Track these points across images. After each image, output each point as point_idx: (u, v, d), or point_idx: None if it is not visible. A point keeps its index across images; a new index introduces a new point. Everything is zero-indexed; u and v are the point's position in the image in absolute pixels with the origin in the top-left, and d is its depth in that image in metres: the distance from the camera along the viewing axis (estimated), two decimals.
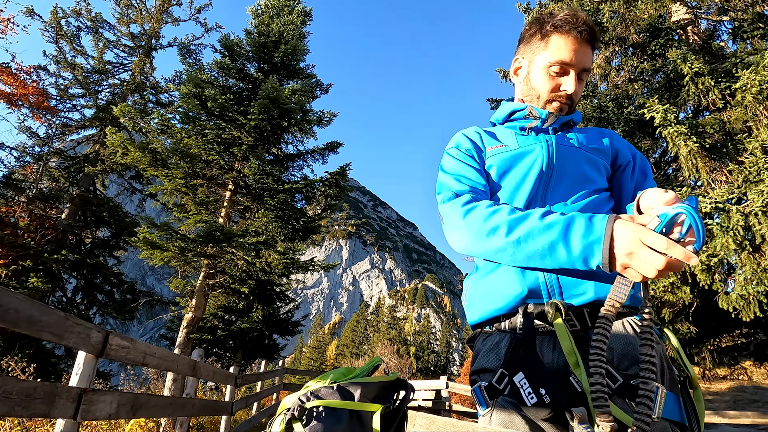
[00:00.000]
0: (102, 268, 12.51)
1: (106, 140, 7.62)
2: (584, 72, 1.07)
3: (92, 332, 2.82)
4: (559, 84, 1.06)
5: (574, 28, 1.03)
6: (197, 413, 4.98)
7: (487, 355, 0.92)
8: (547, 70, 1.06)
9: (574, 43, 1.04)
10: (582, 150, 1.08)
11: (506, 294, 0.92)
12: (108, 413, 3.04)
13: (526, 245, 0.81)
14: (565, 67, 1.04)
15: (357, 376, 1.08)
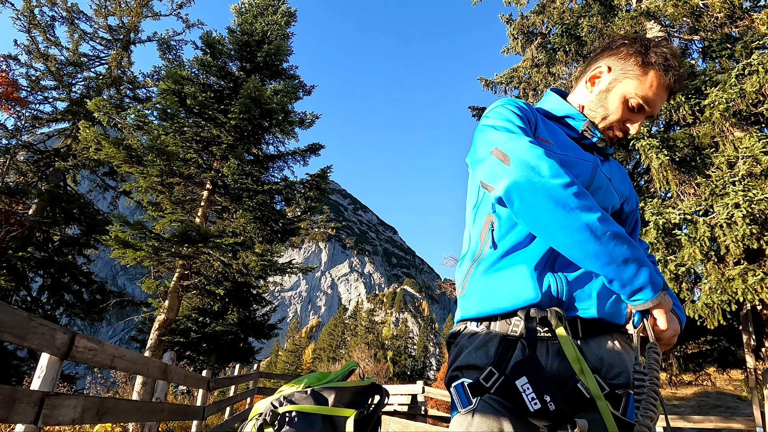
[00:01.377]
0: (70, 267, 12.07)
1: (79, 135, 7.38)
2: (650, 117, 1.05)
3: (57, 333, 2.72)
4: (629, 119, 1.01)
5: (674, 74, 0.97)
6: (167, 418, 4.84)
7: (476, 353, 0.89)
8: (628, 101, 1.00)
9: (665, 89, 0.99)
10: (611, 184, 1.05)
11: (518, 295, 0.88)
12: (72, 418, 2.93)
13: (612, 245, 0.79)
14: (643, 107, 0.99)
15: (332, 380, 1.07)
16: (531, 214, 0.82)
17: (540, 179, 0.81)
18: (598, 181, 1.02)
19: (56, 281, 12.58)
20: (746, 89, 5.56)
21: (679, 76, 0.98)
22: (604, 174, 1.04)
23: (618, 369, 0.85)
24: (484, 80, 11.52)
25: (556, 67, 9.93)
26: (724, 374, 9.57)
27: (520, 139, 0.86)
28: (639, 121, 1.01)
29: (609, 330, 0.90)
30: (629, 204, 1.12)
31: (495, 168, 0.86)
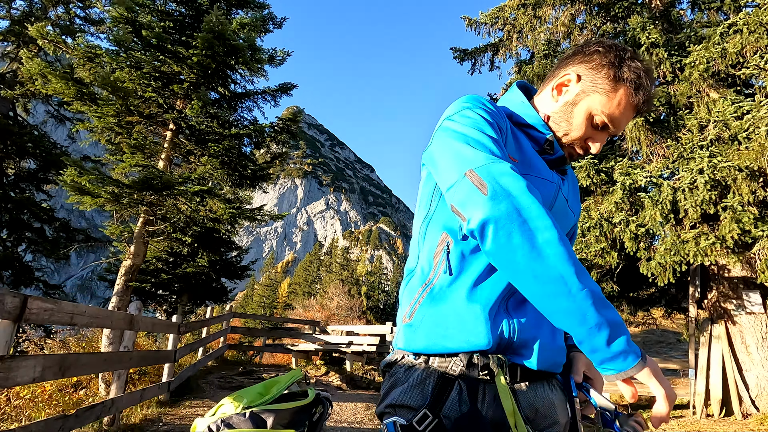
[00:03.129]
0: (29, 204, 11.52)
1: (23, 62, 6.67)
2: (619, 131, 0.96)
3: (6, 298, 2.63)
4: (591, 137, 0.93)
5: (645, 94, 0.89)
6: (136, 365, 4.93)
7: (411, 391, 0.86)
8: (593, 117, 0.91)
9: (633, 109, 0.91)
10: (568, 203, 1.01)
11: (468, 340, 0.82)
12: (32, 377, 2.91)
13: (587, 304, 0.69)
14: (608, 126, 0.91)
15: (275, 396, 1.06)
16: (504, 256, 0.73)
17: (520, 220, 0.71)
18: (559, 204, 0.96)
19: (15, 218, 12.04)
20: (728, 49, 5.46)
21: (649, 97, 0.90)
22: (563, 195, 0.98)
23: (551, 419, 0.85)
24: (468, 19, 10.90)
25: (543, 10, 9.45)
26: (668, 319, 10.41)
27: (501, 165, 0.76)
28: (601, 140, 0.93)
29: (548, 377, 0.89)
30: (575, 219, 1.06)
31: (470, 195, 0.75)
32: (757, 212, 4.68)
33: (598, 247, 5.93)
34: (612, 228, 5.77)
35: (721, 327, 6.86)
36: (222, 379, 7.67)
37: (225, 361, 9.73)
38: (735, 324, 6.78)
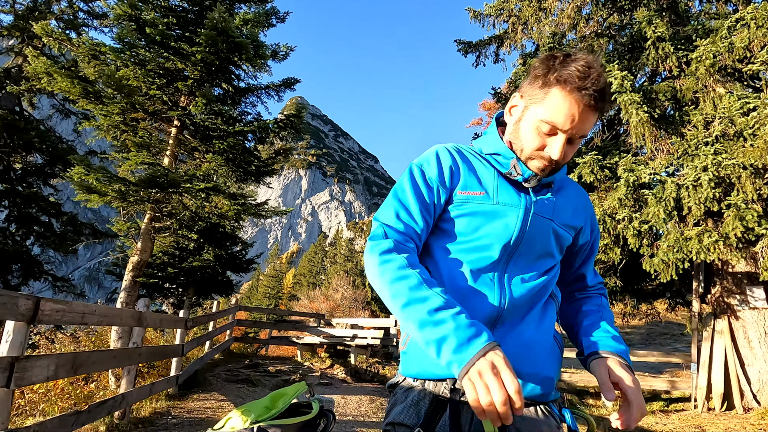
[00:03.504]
0: (36, 199, 11.65)
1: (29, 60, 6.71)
2: (581, 137, 0.95)
3: (20, 300, 2.70)
4: (545, 145, 0.94)
5: (580, 89, 0.87)
6: (145, 360, 5.03)
7: (407, 411, 0.93)
8: (538, 128, 0.93)
9: (575, 106, 0.88)
10: (554, 223, 1.02)
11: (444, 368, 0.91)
12: (46, 376, 3.01)
13: (412, 329, 0.83)
14: (555, 130, 0.91)
15: (281, 410, 1.11)
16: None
17: (374, 280, 0.94)
18: (533, 227, 0.98)
19: (23, 212, 12.19)
20: (735, 43, 5.40)
21: (596, 90, 0.88)
22: (543, 215, 1.00)
23: None
24: (473, 11, 10.80)
25: (548, 1, 9.34)
26: (672, 312, 10.42)
27: (372, 243, 0.98)
28: (559, 144, 0.92)
29: (537, 404, 0.93)
30: (584, 236, 1.09)
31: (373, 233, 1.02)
32: (761, 209, 4.67)
33: (601, 243, 5.94)
34: (615, 224, 5.78)
35: (723, 322, 6.88)
36: (229, 372, 7.81)
37: (231, 354, 9.88)
38: (738, 319, 6.79)
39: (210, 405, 5.80)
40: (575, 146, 0.96)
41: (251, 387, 7.11)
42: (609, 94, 0.94)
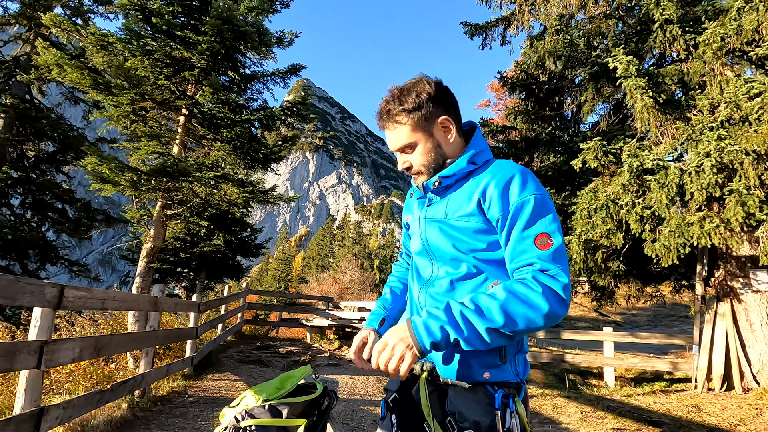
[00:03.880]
0: (51, 186, 11.92)
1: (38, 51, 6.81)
2: (408, 147, 1.14)
3: (46, 289, 2.88)
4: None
5: (378, 122, 1.16)
6: (161, 342, 5.27)
7: (393, 381, 1.19)
8: None
9: (382, 130, 1.18)
10: (446, 219, 1.12)
11: None
12: (72, 358, 3.21)
13: None
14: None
15: (289, 390, 1.25)
16: None
17: None
18: (430, 232, 1.16)
19: (38, 199, 12.47)
20: (744, 26, 5.32)
21: (381, 117, 1.16)
22: (435, 218, 1.16)
23: (468, 422, 1.01)
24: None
25: None
26: (677, 295, 10.48)
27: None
28: (399, 160, 1.19)
29: (476, 386, 1.05)
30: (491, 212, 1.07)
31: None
32: (763, 195, 4.69)
33: (604, 228, 6.01)
34: (618, 209, 5.83)
35: (726, 305, 6.95)
36: (241, 353, 8.10)
37: (243, 336, 10.19)
38: (741, 302, 6.86)
39: (224, 384, 6.07)
40: (413, 153, 1.15)
41: (263, 367, 7.39)
42: (388, 114, 1.14)
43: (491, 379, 1.03)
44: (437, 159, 1.14)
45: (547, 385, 7.80)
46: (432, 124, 1.11)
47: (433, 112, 1.10)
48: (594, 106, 7.45)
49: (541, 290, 0.94)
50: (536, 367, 9.40)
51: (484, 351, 1.02)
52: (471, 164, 1.13)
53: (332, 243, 73.46)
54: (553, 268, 0.98)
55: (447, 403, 1.05)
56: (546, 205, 1.04)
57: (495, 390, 1.02)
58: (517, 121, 8.62)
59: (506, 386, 1.03)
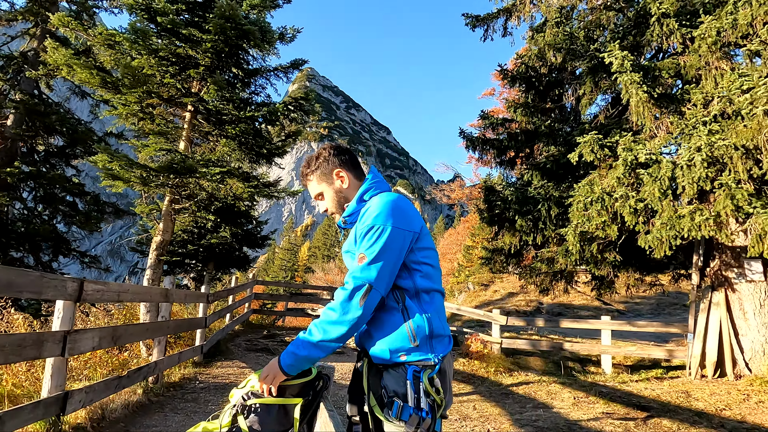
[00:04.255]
0: (61, 180, 12.20)
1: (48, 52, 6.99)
2: (319, 195, 1.56)
3: (67, 283, 3.11)
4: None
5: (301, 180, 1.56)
6: (173, 332, 5.54)
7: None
8: None
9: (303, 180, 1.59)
10: (348, 251, 1.46)
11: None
12: (92, 346, 3.47)
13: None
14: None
15: None
16: None
17: None
18: (344, 262, 1.52)
19: (49, 193, 12.78)
20: (739, 20, 5.38)
21: (302, 174, 1.59)
22: (345, 250, 1.49)
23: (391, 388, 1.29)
24: None
25: None
26: (676, 285, 10.61)
27: None
28: (320, 205, 1.59)
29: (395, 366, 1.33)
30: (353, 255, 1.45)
31: None
32: (752, 189, 4.82)
33: (599, 221, 6.16)
34: (613, 202, 5.97)
35: (720, 294, 7.10)
36: (248, 342, 8.39)
37: (250, 325, 10.50)
38: (735, 291, 7.01)
39: (232, 371, 6.35)
40: (325, 200, 1.55)
41: (269, 355, 7.67)
42: (303, 175, 1.58)
43: (408, 359, 1.30)
44: (341, 201, 1.52)
45: (545, 372, 8.02)
46: (330, 177, 1.52)
47: (330, 168, 1.52)
48: (593, 99, 7.53)
49: (330, 306, 1.34)
50: (536, 355, 9.60)
51: (397, 340, 1.31)
52: (362, 202, 1.45)
53: (338, 233, 73.76)
54: (348, 281, 1.32)
55: (382, 380, 1.32)
56: (376, 231, 1.31)
57: (408, 367, 1.29)
58: (517, 113, 8.71)
59: (419, 364, 1.30)
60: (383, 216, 1.32)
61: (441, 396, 1.28)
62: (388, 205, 1.35)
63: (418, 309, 1.33)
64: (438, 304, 1.40)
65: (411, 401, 1.23)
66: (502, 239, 8.65)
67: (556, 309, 22.50)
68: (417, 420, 1.21)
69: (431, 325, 1.32)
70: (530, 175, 8.25)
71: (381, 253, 1.29)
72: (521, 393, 6.06)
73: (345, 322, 1.28)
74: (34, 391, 3.57)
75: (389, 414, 1.24)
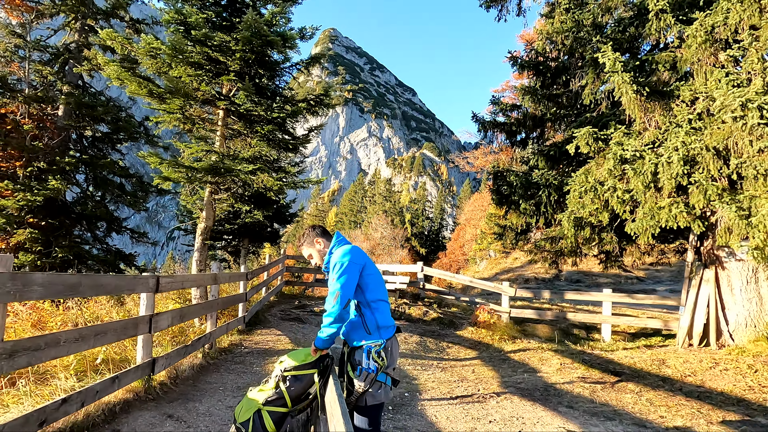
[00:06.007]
0: (110, 166, 13.53)
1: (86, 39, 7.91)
2: (309, 256, 2.64)
3: (149, 280, 4.16)
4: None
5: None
6: (221, 307, 6.69)
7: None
8: None
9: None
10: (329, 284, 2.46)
11: None
12: (168, 324, 4.57)
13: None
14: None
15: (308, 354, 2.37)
16: None
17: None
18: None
19: (100, 177, 14.19)
20: (729, 20, 5.66)
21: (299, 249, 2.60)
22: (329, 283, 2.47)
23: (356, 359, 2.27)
24: None
25: None
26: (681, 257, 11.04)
27: None
28: (311, 262, 2.66)
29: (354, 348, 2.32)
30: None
31: None
32: (726, 184, 5.32)
33: (592, 208, 6.77)
34: (604, 191, 6.55)
35: (711, 271, 7.65)
36: (282, 312, 9.61)
37: (283, 296, 11.77)
38: (725, 269, 7.54)
39: (270, 338, 7.53)
40: (313, 258, 2.63)
41: (300, 324, 8.85)
42: (299, 246, 2.71)
43: (366, 341, 2.31)
44: (322, 255, 2.58)
45: (548, 340, 8.88)
46: (313, 243, 2.61)
47: (312, 239, 2.62)
48: (595, 90, 7.88)
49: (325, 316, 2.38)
50: (544, 323, 10.43)
51: (359, 333, 2.33)
52: (330, 253, 2.51)
53: (364, 199, 74.97)
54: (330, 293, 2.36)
55: (354, 356, 2.32)
56: (340, 263, 2.36)
57: (365, 346, 2.29)
58: (525, 99, 9.14)
59: (371, 344, 2.30)
60: (342, 256, 2.39)
61: (383, 361, 2.27)
62: (346, 250, 2.42)
63: (369, 313, 2.36)
64: (383, 308, 2.41)
65: (364, 365, 2.24)
66: (509, 219, 9.34)
67: (575, 276, 23.03)
68: (366, 375, 2.22)
69: (377, 321, 2.35)
70: (536, 160, 8.79)
71: (343, 273, 2.31)
72: (517, 359, 6.98)
73: (333, 313, 2.31)
74: (129, 358, 4.72)
75: (354, 373, 2.28)
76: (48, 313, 5.62)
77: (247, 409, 2.23)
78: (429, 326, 9.62)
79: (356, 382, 2.23)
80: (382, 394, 2.26)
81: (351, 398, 2.25)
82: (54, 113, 13.60)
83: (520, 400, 4.79)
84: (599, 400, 4.80)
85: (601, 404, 4.68)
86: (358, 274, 2.35)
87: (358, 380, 2.23)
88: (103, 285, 3.37)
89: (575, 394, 5.00)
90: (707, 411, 4.43)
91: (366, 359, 2.24)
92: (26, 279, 2.44)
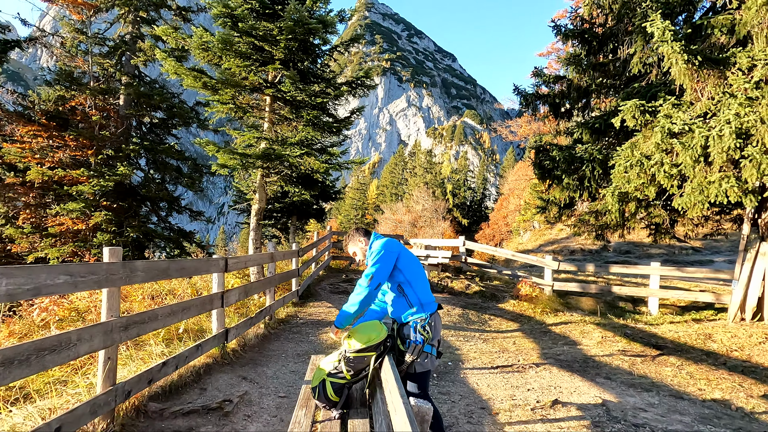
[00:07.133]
0: (169, 151, 14.56)
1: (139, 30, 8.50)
2: (353, 253, 3.03)
3: (220, 261, 4.72)
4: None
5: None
6: (278, 282, 7.32)
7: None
8: None
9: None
10: None
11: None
12: (236, 299, 5.18)
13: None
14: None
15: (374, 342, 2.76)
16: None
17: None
18: None
19: (159, 161, 15.32)
20: None
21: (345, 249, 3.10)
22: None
23: (405, 334, 2.68)
24: None
25: None
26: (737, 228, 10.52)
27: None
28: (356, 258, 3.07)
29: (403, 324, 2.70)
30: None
31: None
32: None
33: (638, 182, 6.67)
34: (651, 165, 6.43)
35: (767, 244, 7.36)
36: (331, 285, 10.25)
37: (331, 270, 12.45)
38: None
39: (322, 310, 8.14)
40: (357, 255, 3.03)
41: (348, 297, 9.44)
42: (345, 243, 3.11)
43: (412, 317, 2.68)
44: (363, 252, 2.95)
45: (590, 313, 8.95)
46: (356, 242, 2.97)
47: (356, 239, 2.98)
48: (644, 58, 7.53)
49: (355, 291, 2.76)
50: (588, 295, 10.45)
51: (404, 309, 2.71)
52: (369, 248, 2.85)
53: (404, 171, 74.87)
54: (361, 278, 2.71)
55: (403, 330, 2.69)
56: (375, 253, 2.73)
57: (411, 322, 2.65)
58: (569, 69, 8.88)
59: (417, 319, 2.66)
60: (379, 247, 2.77)
61: (428, 334, 2.63)
62: (382, 243, 2.79)
63: (411, 291, 2.72)
64: (423, 286, 2.75)
65: (412, 338, 2.62)
66: (552, 193, 9.30)
67: (625, 247, 22.29)
68: (414, 347, 2.59)
69: (419, 298, 2.71)
70: (580, 133, 8.62)
71: (378, 260, 2.70)
72: (558, 332, 7.18)
73: (362, 291, 2.70)
74: (200, 327, 5.40)
75: (403, 346, 2.66)
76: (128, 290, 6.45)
77: (317, 378, 2.68)
78: (471, 299, 9.93)
79: (406, 354, 2.61)
80: (429, 363, 2.62)
81: (402, 367, 2.62)
82: (116, 103, 14.70)
83: (559, 371, 5.05)
84: (638, 373, 4.96)
85: (640, 376, 4.85)
86: (391, 261, 2.70)
87: (407, 352, 2.60)
88: (185, 268, 3.93)
89: (614, 366, 5.19)
90: (749, 385, 4.50)
91: (413, 333, 2.61)
92: (132, 266, 2.98)
